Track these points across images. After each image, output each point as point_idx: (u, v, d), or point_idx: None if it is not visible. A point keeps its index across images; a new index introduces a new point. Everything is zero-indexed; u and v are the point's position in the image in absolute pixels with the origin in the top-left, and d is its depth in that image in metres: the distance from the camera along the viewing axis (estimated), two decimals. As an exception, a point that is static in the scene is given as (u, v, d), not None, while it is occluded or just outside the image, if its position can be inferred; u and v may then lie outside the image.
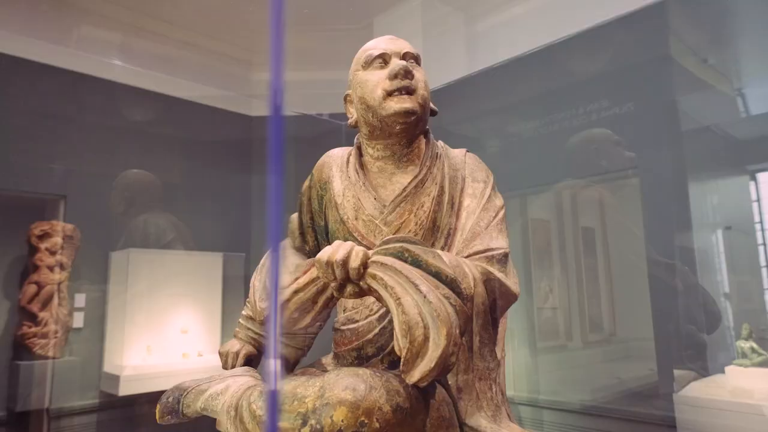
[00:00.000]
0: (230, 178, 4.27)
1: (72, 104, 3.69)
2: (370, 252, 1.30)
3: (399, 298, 1.20)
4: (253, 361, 1.73)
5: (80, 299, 3.64)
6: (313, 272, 1.36)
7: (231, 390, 1.39)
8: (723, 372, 3.02)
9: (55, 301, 3.52)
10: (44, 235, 3.53)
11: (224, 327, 4.00)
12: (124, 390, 3.47)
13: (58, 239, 3.55)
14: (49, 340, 3.47)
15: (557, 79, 3.70)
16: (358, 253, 1.27)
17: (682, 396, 3.00)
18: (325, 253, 1.29)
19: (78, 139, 3.70)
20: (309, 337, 1.80)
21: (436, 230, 1.53)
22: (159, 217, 3.83)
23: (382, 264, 1.26)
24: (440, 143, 1.68)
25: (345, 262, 1.26)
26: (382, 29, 3.93)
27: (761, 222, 3.61)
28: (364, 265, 1.27)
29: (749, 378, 2.90)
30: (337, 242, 1.31)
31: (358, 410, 1.14)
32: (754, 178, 3.61)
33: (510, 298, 1.42)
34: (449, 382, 1.34)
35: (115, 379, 3.50)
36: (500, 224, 1.52)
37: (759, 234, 3.59)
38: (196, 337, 3.87)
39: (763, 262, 3.58)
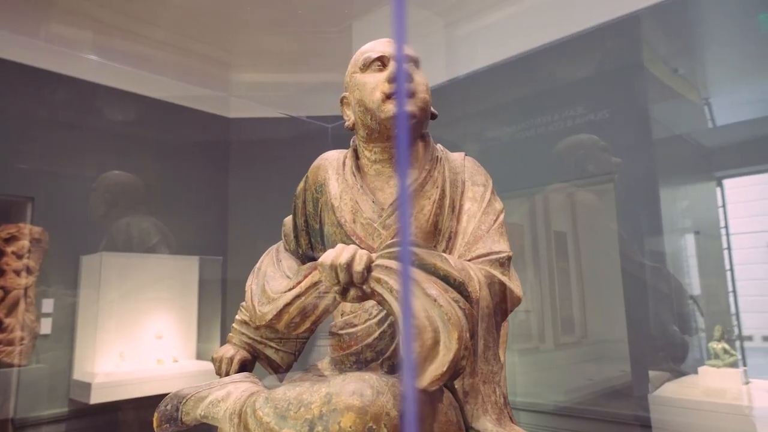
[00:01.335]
0: (207, 180, 4.20)
1: (40, 103, 3.58)
2: (374, 255, 1.29)
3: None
4: (247, 366, 1.69)
5: (48, 304, 3.52)
6: (315, 276, 1.34)
7: (233, 396, 1.35)
8: (696, 372, 3.10)
9: (22, 306, 3.40)
10: (10, 239, 3.41)
11: (200, 332, 3.93)
12: (96, 398, 3.37)
13: (25, 242, 3.43)
14: (15, 347, 3.34)
15: (534, 85, 3.75)
16: (362, 257, 1.26)
17: (656, 396, 3.06)
18: (328, 257, 1.27)
19: (47, 138, 3.58)
20: (300, 342, 1.78)
21: (438, 233, 1.52)
22: (142, 220, 3.74)
23: (387, 267, 1.25)
24: (439, 146, 1.68)
25: (349, 266, 1.25)
26: (361, 32, 3.93)
27: (726, 227, 3.73)
28: (368, 268, 1.26)
29: (722, 378, 2.99)
30: (340, 245, 1.30)
31: (366, 416, 1.12)
32: (720, 185, 3.73)
33: (513, 301, 1.43)
34: (455, 386, 1.34)
35: (86, 386, 3.39)
36: (501, 228, 1.53)
37: (724, 238, 3.71)
38: (172, 343, 3.79)
39: (727, 266, 3.70)
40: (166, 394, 3.70)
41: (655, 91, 3.53)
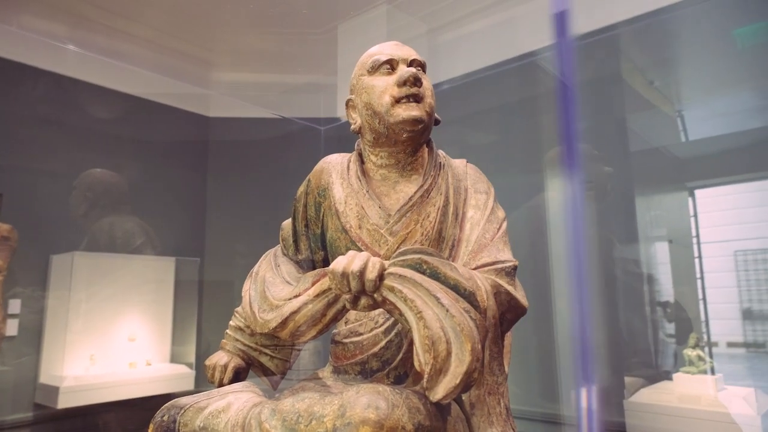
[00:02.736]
0: (185, 180, 4.09)
1: (10, 97, 3.43)
2: (386, 263, 1.26)
3: (420, 312, 1.17)
4: (241, 374, 1.65)
5: (15, 305, 3.38)
6: (324, 283, 1.30)
7: (234, 407, 1.30)
8: (671, 379, 3.17)
9: (-13, 306, 3.25)
10: (-24, 235, 3.26)
11: (175, 334, 3.82)
12: (64, 402, 3.24)
13: (-9, 240, 3.28)
14: (-21, 349, 3.20)
15: (512, 93, 3.78)
16: (374, 264, 1.23)
17: (631, 402, 3.11)
18: (340, 264, 1.24)
19: (17, 133, 3.44)
20: (295, 349, 1.74)
21: (442, 241, 1.50)
22: (126, 220, 3.61)
23: (400, 276, 1.23)
24: (441, 153, 1.66)
25: (362, 274, 1.22)
26: (346, 35, 3.90)
27: (698, 236, 3.83)
28: (380, 276, 1.23)
29: (696, 385, 3.05)
30: (351, 252, 1.27)
31: (381, 429, 1.09)
32: (692, 195, 3.82)
33: (519, 311, 1.42)
34: (462, 398, 1.32)
35: (53, 390, 3.26)
36: (504, 236, 1.52)
37: (695, 247, 3.81)
38: (145, 345, 3.68)
39: (698, 274, 3.80)
40: (138, 399, 3.58)
41: (632, 102, 3.60)
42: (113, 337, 3.58)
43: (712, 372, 3.17)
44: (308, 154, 3.97)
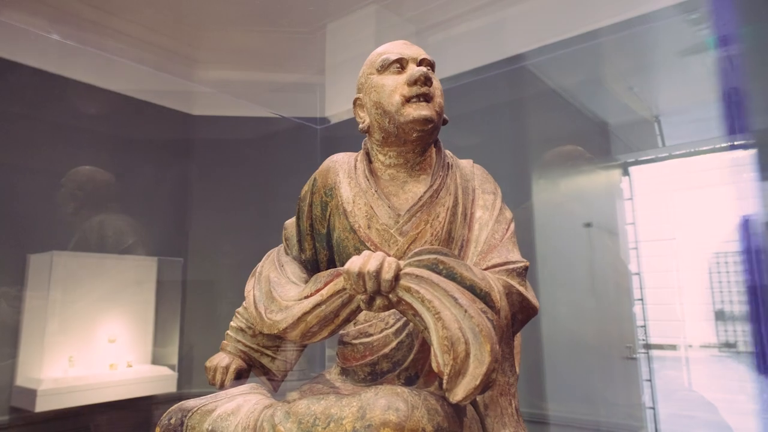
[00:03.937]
0: (167, 179, 3.99)
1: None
2: (402, 263, 1.25)
3: (438, 313, 1.16)
4: (242, 375, 1.61)
5: (-9, 305, 3.28)
6: (338, 283, 1.28)
7: (244, 409, 1.27)
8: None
9: (-40, 307, 3.15)
10: (-51, 233, 3.15)
11: (157, 336, 3.74)
12: (42, 405, 3.15)
13: (-35, 238, 3.17)
14: (-49, 350, 3.09)
15: (501, 96, 3.81)
16: (391, 265, 1.21)
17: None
18: (355, 264, 1.22)
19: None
20: (297, 351, 1.72)
21: (451, 241, 1.50)
22: (116, 219, 3.50)
23: (417, 276, 1.21)
24: (448, 153, 1.66)
25: (378, 274, 1.20)
26: (335, 35, 3.87)
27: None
28: (396, 277, 1.22)
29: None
30: (366, 252, 1.25)
31: (402, 431, 1.08)
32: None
33: (530, 312, 1.42)
34: (477, 399, 1.31)
35: (30, 393, 3.16)
36: (513, 237, 1.52)
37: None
38: (126, 347, 3.59)
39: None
40: (119, 401, 3.49)
41: (612, 106, 3.67)
42: (93, 338, 3.48)
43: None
44: (300, 153, 3.93)
